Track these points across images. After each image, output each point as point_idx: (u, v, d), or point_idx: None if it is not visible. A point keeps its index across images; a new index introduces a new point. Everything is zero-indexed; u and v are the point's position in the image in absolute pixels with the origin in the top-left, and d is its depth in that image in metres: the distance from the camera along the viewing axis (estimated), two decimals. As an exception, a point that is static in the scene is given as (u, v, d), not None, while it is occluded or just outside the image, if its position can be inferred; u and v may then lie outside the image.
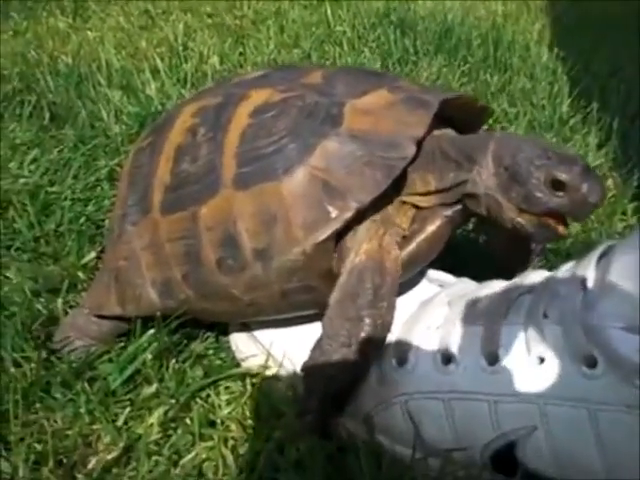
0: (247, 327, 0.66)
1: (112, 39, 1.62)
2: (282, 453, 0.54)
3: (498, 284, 0.58)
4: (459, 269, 0.66)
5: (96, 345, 0.67)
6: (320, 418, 0.56)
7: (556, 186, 0.51)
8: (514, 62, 1.52)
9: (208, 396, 0.62)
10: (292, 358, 0.60)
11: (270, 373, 0.62)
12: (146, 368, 0.63)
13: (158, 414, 0.59)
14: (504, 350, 0.51)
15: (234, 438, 0.58)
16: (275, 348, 0.63)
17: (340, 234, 0.56)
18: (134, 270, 0.64)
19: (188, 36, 1.64)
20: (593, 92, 1.33)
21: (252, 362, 0.64)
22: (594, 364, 0.47)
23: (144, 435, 0.57)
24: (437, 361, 0.54)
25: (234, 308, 0.61)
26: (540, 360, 0.49)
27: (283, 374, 0.61)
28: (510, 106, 1.26)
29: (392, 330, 0.56)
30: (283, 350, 0.62)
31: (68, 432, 0.57)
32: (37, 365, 0.62)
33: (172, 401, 0.60)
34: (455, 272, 0.65)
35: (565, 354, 0.48)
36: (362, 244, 0.56)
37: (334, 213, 0.55)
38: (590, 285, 0.49)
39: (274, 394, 0.60)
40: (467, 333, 0.54)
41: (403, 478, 0.53)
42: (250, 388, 0.62)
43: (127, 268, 0.65)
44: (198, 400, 0.61)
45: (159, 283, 0.63)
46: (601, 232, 0.88)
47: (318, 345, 0.55)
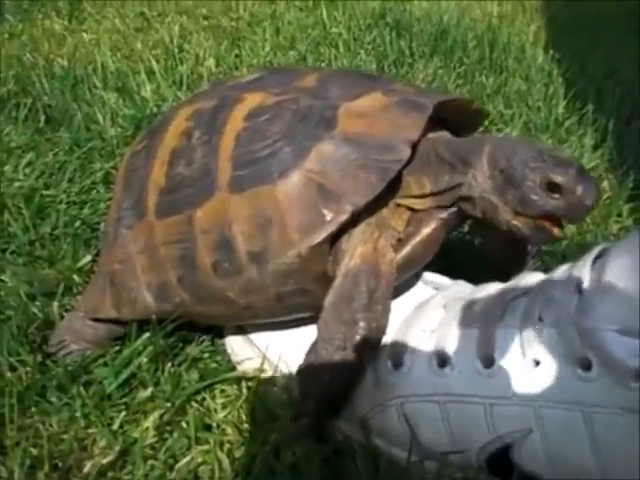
0: (243, 330, 0.66)
1: (108, 41, 1.61)
2: (278, 457, 0.54)
3: (494, 287, 0.58)
4: (455, 271, 0.66)
5: (92, 349, 0.67)
6: (316, 421, 0.56)
7: (551, 188, 0.51)
8: (510, 64, 1.52)
9: (204, 399, 0.62)
10: (288, 361, 0.60)
11: (266, 376, 0.62)
12: (142, 372, 0.62)
13: (154, 418, 0.58)
14: (499, 353, 0.51)
15: (230, 442, 0.57)
16: (271, 351, 0.62)
17: (335, 237, 0.56)
18: (129, 273, 0.64)
19: (184, 38, 1.63)
20: (589, 94, 1.33)
21: (248, 365, 0.64)
22: (589, 367, 0.47)
23: (140, 439, 0.57)
24: (433, 364, 0.54)
25: (230, 311, 0.61)
26: (535, 363, 0.49)
27: (279, 377, 0.61)
28: (506, 108, 1.27)
29: (388, 333, 0.56)
30: (279, 353, 0.61)
31: (64, 436, 0.57)
32: (32, 369, 0.62)
33: (168, 405, 0.60)
34: (451, 274, 0.65)
35: (560, 357, 0.48)
36: (357, 247, 0.56)
37: (329, 216, 0.55)
38: (585, 288, 0.50)
39: (270, 397, 0.60)
40: (463, 336, 0.54)
41: (399, 481, 0.53)
42: (246, 391, 0.62)
43: (122, 271, 0.65)
44: (194, 404, 0.61)
45: (154, 286, 0.63)
46: (597, 234, 0.88)
47: (313, 348, 0.55)
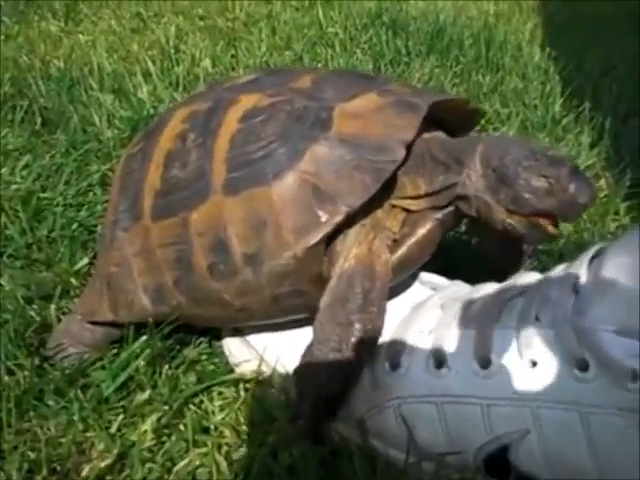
0: (240, 332, 0.66)
1: (104, 42, 1.61)
2: (276, 458, 0.54)
3: (491, 287, 0.58)
4: (452, 272, 0.66)
5: (89, 352, 0.67)
6: (312, 423, 0.55)
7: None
8: (506, 62, 1.52)
9: (201, 402, 0.62)
10: (285, 363, 0.60)
11: (263, 378, 0.62)
12: (139, 375, 0.62)
13: (151, 421, 0.58)
14: (496, 354, 0.51)
15: (228, 444, 0.57)
16: (268, 353, 0.62)
17: (330, 238, 0.56)
18: (126, 276, 0.64)
19: (180, 39, 1.64)
20: (585, 92, 1.33)
21: (245, 367, 0.63)
22: (586, 367, 0.47)
23: (138, 442, 0.57)
24: (430, 365, 0.54)
25: (226, 313, 0.61)
26: (532, 363, 0.49)
27: (276, 379, 0.61)
28: (502, 106, 1.27)
29: (385, 334, 0.56)
30: (276, 355, 0.61)
31: (61, 440, 0.57)
32: (30, 373, 0.62)
33: (165, 407, 0.60)
34: (448, 275, 0.65)
35: (557, 357, 0.48)
36: (352, 248, 0.56)
37: (324, 217, 0.54)
38: (582, 288, 0.50)
39: (267, 399, 0.59)
40: (460, 336, 0.54)
41: (397, 482, 0.53)
42: (243, 394, 0.62)
43: (119, 274, 0.65)
44: (191, 406, 0.61)
45: (151, 289, 0.63)
46: (594, 232, 0.88)
47: (309, 350, 0.55)
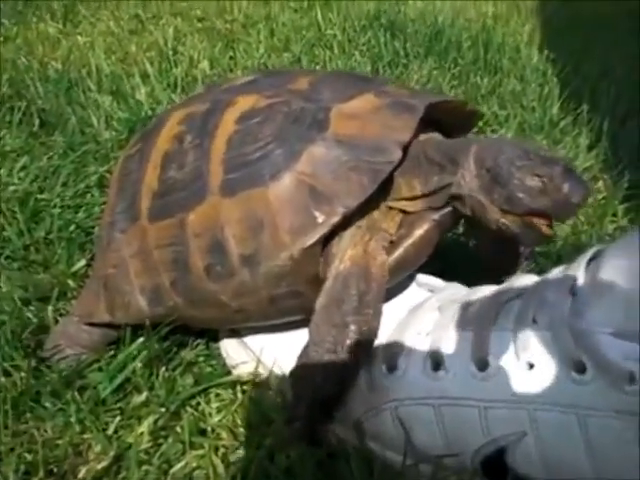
0: (238, 334, 0.66)
1: (102, 44, 1.61)
2: (273, 461, 0.54)
3: (488, 289, 0.58)
4: (449, 273, 0.66)
5: (87, 353, 0.67)
6: (308, 424, 0.55)
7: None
8: (504, 64, 1.52)
9: (198, 404, 0.62)
10: (282, 365, 0.60)
11: (260, 380, 0.62)
12: (136, 376, 0.62)
13: (148, 423, 0.58)
14: (494, 356, 0.51)
15: (225, 446, 0.57)
16: (265, 355, 0.62)
17: (327, 239, 0.56)
18: (123, 277, 0.64)
19: (178, 40, 1.64)
20: (583, 94, 1.33)
21: (243, 369, 0.63)
22: (583, 370, 0.47)
23: (134, 444, 0.56)
24: (427, 367, 0.54)
25: (222, 314, 0.61)
26: (530, 366, 0.49)
27: (273, 381, 0.61)
28: (500, 108, 1.27)
29: (382, 336, 0.56)
30: (273, 357, 0.61)
31: (58, 441, 0.57)
32: (27, 374, 0.62)
33: (162, 409, 0.59)
34: (445, 277, 0.65)
35: (554, 360, 0.48)
36: (347, 250, 0.56)
37: (321, 218, 0.54)
38: (579, 290, 0.50)
39: (265, 401, 0.59)
40: (457, 339, 0.54)
41: (394, 484, 0.53)
42: (241, 396, 0.62)
43: (116, 275, 0.65)
44: (188, 408, 0.61)
45: (148, 290, 0.63)
46: (591, 234, 0.88)
47: (305, 351, 0.55)
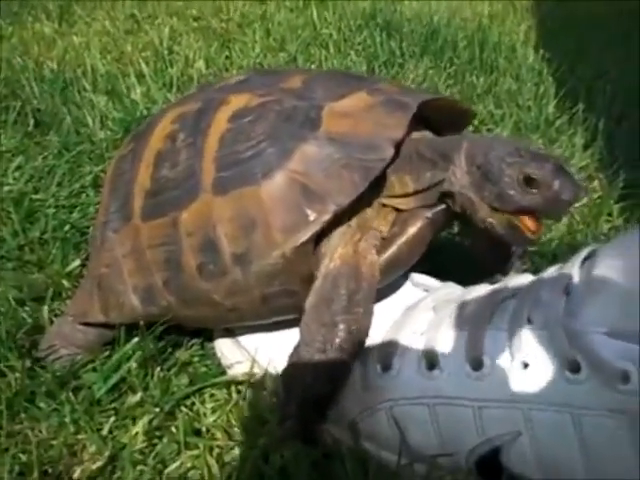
0: (232, 333, 0.66)
1: (97, 44, 1.61)
2: (267, 461, 0.54)
3: (483, 288, 0.58)
4: (444, 273, 0.66)
5: (82, 353, 0.67)
6: (300, 424, 0.55)
7: (528, 183, 0.51)
8: (500, 63, 1.52)
9: (193, 404, 0.62)
10: (277, 365, 0.60)
11: (255, 380, 0.61)
12: (131, 377, 0.62)
13: (143, 423, 0.58)
14: (488, 356, 0.51)
15: (219, 446, 0.57)
16: (260, 354, 0.62)
17: (320, 237, 0.56)
18: (116, 277, 0.64)
19: (174, 40, 1.64)
20: (579, 93, 1.33)
21: (237, 369, 0.63)
22: (577, 369, 0.47)
23: (129, 444, 0.56)
24: (422, 366, 0.54)
25: (216, 314, 0.60)
26: (524, 365, 0.49)
27: (268, 381, 0.61)
28: (496, 108, 1.27)
29: (377, 335, 0.56)
30: (268, 356, 0.61)
31: (53, 442, 0.57)
32: (21, 375, 0.62)
33: (157, 410, 0.59)
34: (440, 276, 0.65)
35: (549, 359, 0.48)
36: (337, 249, 0.56)
37: (312, 216, 0.54)
38: (574, 289, 0.50)
39: (259, 402, 0.59)
40: (452, 338, 0.54)
41: (389, 484, 0.52)
42: (235, 396, 0.62)
43: (109, 275, 0.65)
44: (183, 408, 0.61)
45: (141, 289, 0.62)
46: (587, 234, 0.88)
47: (296, 351, 0.55)
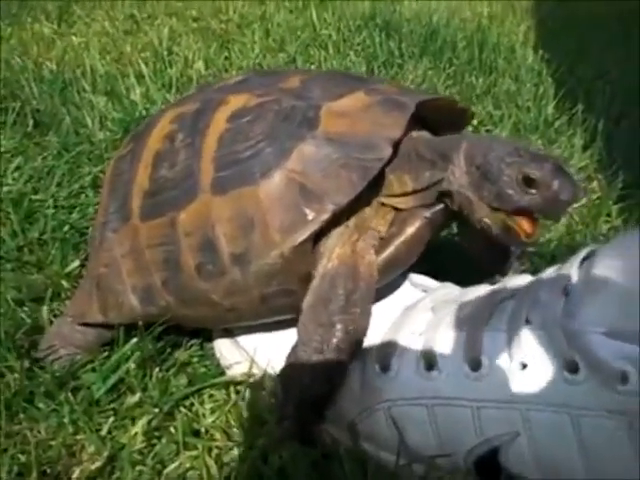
0: (231, 334, 0.66)
1: (97, 44, 1.61)
2: (266, 461, 0.54)
3: (482, 289, 0.58)
4: (443, 274, 0.66)
5: (81, 354, 0.67)
6: (298, 424, 0.55)
7: (527, 183, 0.51)
8: (499, 64, 1.52)
9: (192, 405, 0.62)
10: (275, 365, 0.60)
11: (254, 381, 0.62)
12: (130, 377, 0.62)
13: (142, 423, 0.58)
14: (487, 356, 0.51)
15: (218, 447, 0.57)
16: (259, 355, 0.62)
17: (318, 237, 0.56)
18: (115, 277, 0.64)
19: (173, 40, 1.64)
20: (578, 94, 1.33)
21: (236, 370, 0.63)
22: (576, 369, 0.47)
23: (128, 444, 0.56)
24: (420, 367, 0.54)
25: (214, 314, 0.60)
26: (522, 366, 0.49)
27: (267, 381, 0.61)
28: (495, 108, 1.27)
29: (375, 336, 0.56)
30: (267, 357, 0.61)
31: (52, 442, 0.57)
32: (20, 375, 0.62)
33: (156, 410, 0.59)
34: (439, 277, 0.65)
35: (547, 360, 0.48)
36: (334, 249, 0.57)
37: (311, 215, 0.54)
38: (572, 290, 0.50)
39: (258, 402, 0.59)
40: (450, 339, 0.54)
41: (388, 485, 0.52)
42: (234, 396, 0.62)
43: (108, 275, 0.65)
44: (182, 409, 0.61)
45: (140, 289, 0.62)
46: (586, 234, 0.88)
47: (293, 351, 0.55)
